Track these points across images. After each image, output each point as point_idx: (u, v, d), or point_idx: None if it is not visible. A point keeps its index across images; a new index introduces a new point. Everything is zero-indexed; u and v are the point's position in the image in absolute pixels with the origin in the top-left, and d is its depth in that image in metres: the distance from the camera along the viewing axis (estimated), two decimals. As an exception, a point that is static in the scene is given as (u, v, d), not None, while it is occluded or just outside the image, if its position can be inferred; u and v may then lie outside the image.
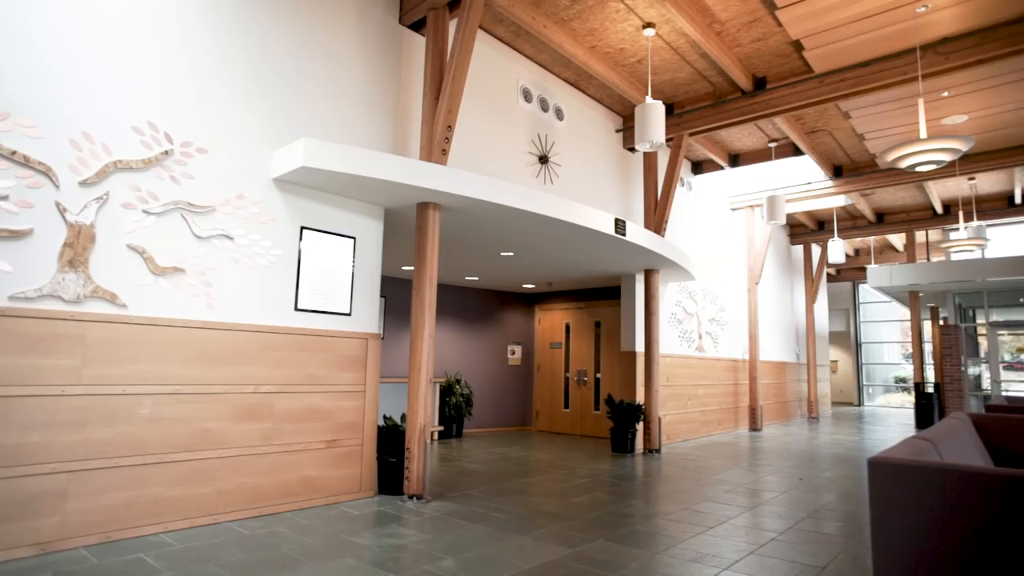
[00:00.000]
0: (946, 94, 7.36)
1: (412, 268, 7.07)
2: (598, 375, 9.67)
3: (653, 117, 5.61)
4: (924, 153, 4.37)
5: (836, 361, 19.93)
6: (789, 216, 13.11)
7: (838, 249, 11.96)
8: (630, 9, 5.86)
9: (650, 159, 8.17)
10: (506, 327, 10.41)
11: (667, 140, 7.94)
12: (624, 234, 6.12)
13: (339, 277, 4.82)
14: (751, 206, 11.25)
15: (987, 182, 10.93)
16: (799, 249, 14.67)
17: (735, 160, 9.63)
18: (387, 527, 4.05)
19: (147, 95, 3.85)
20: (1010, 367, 17.23)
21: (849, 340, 19.98)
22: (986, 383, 14.63)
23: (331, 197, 4.80)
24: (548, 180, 6.96)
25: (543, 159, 6.90)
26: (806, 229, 13.99)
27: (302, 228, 4.60)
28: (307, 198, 4.64)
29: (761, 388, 11.38)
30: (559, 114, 7.23)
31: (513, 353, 10.42)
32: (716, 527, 4.28)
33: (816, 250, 14.67)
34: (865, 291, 19.49)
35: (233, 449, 4.11)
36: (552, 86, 7.20)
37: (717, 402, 10.18)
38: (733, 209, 11.29)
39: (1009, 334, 16.75)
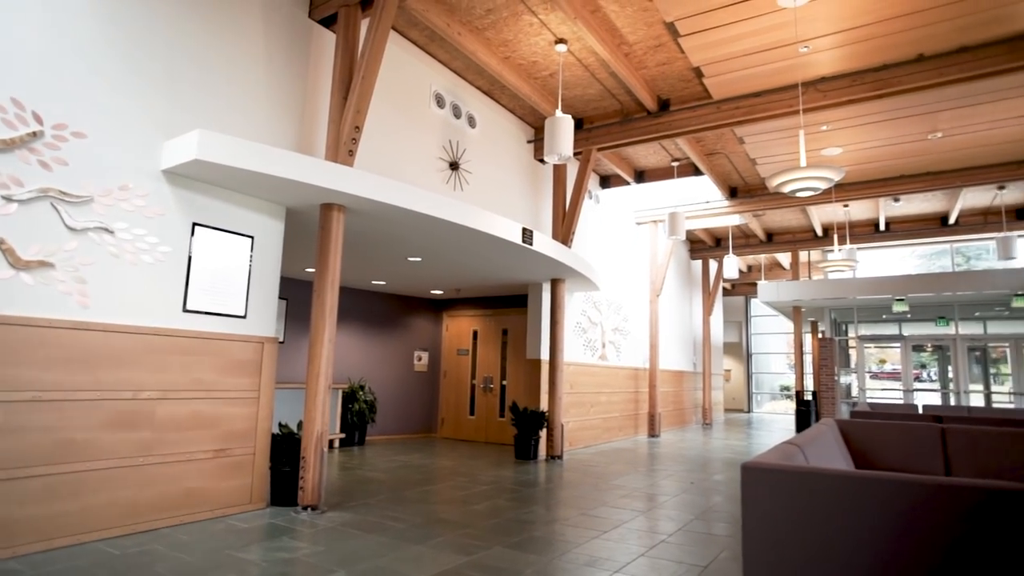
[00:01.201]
0: (825, 128, 8.06)
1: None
2: (504, 382, 9.75)
3: (562, 130, 5.75)
4: (803, 180, 4.77)
5: (729, 370, 21.19)
6: (689, 232, 13.84)
7: (732, 265, 12.74)
8: (543, 24, 5.99)
9: (559, 171, 8.37)
10: (413, 333, 10.28)
11: (576, 154, 8.16)
12: (531, 244, 6.22)
13: (234, 277, 4.57)
14: (655, 221, 11.77)
15: (858, 209, 12.04)
16: (698, 264, 15.51)
17: (641, 176, 10.05)
18: (277, 540, 3.87)
19: (12, 70, 3.49)
20: (875, 376, 19.04)
21: (741, 351, 21.31)
22: (855, 391, 16.07)
23: (228, 193, 4.55)
24: (458, 187, 6.96)
25: (454, 166, 6.90)
26: (705, 245, 14.81)
27: (194, 224, 4.33)
28: (201, 193, 4.37)
29: (660, 396, 11.89)
30: (471, 121, 7.26)
31: (419, 359, 10.30)
32: (611, 531, 4.41)
33: (713, 265, 15.56)
34: (756, 305, 20.88)
35: (104, 461, 3.78)
36: (465, 93, 7.22)
37: (618, 409, 10.53)
38: (638, 223, 11.77)
39: (875, 347, 18.51)
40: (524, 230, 6.16)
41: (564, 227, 8.08)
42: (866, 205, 11.72)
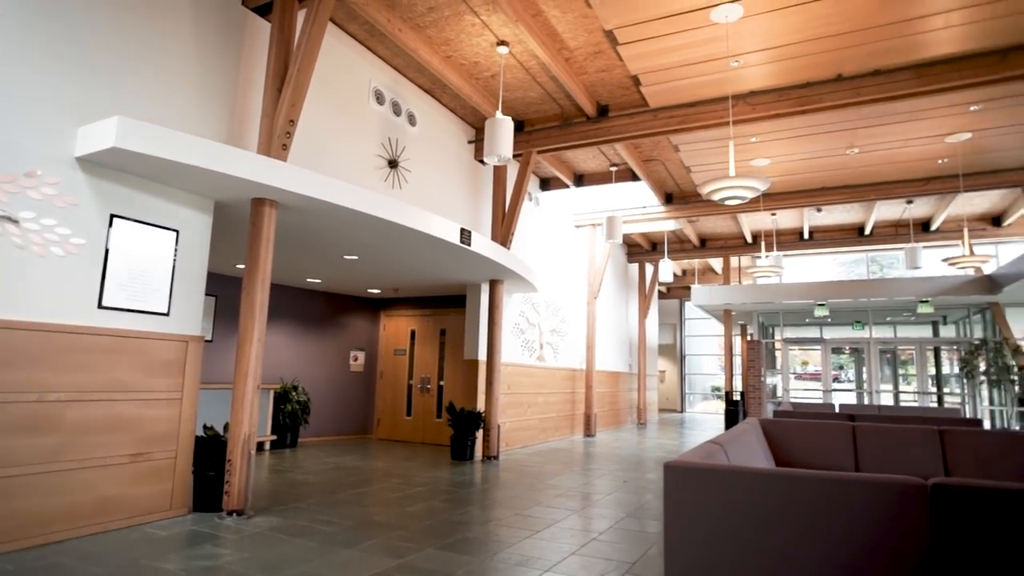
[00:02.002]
0: (754, 139, 8.42)
1: (246, 267, 6.59)
2: (442, 383, 9.69)
3: (502, 132, 5.78)
4: (731, 189, 4.97)
5: (664, 371, 21.80)
6: (626, 236, 14.16)
7: (668, 269, 13.11)
8: (485, 25, 6.00)
9: (500, 172, 8.40)
10: (349, 332, 10.08)
11: (516, 156, 8.21)
12: (469, 244, 6.22)
13: (157, 273, 4.36)
14: (593, 224, 11.99)
15: (785, 218, 12.64)
16: (635, 267, 15.88)
17: (580, 180, 10.21)
18: (199, 548, 3.71)
19: (-92, 45, 3.21)
20: (799, 377, 20.04)
21: (675, 352, 21.97)
22: (780, 391, 16.85)
23: (151, 184, 4.33)
24: (397, 185, 6.88)
25: (393, 163, 6.81)
26: (641, 249, 15.19)
27: (112, 216, 4.09)
28: (120, 183, 4.14)
29: (596, 396, 12.11)
30: (412, 120, 7.19)
31: (356, 359, 10.11)
32: (544, 530, 4.46)
33: (650, 269, 15.98)
34: (690, 308, 21.58)
35: (4, 469, 3.53)
36: (406, 91, 7.14)
37: (555, 409, 10.66)
38: (577, 226, 11.95)
39: (799, 349, 19.47)
40: (462, 230, 6.15)
41: (503, 228, 8.11)
42: (792, 214, 12.32)
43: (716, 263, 17.64)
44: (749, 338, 16.61)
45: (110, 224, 4.08)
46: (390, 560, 3.60)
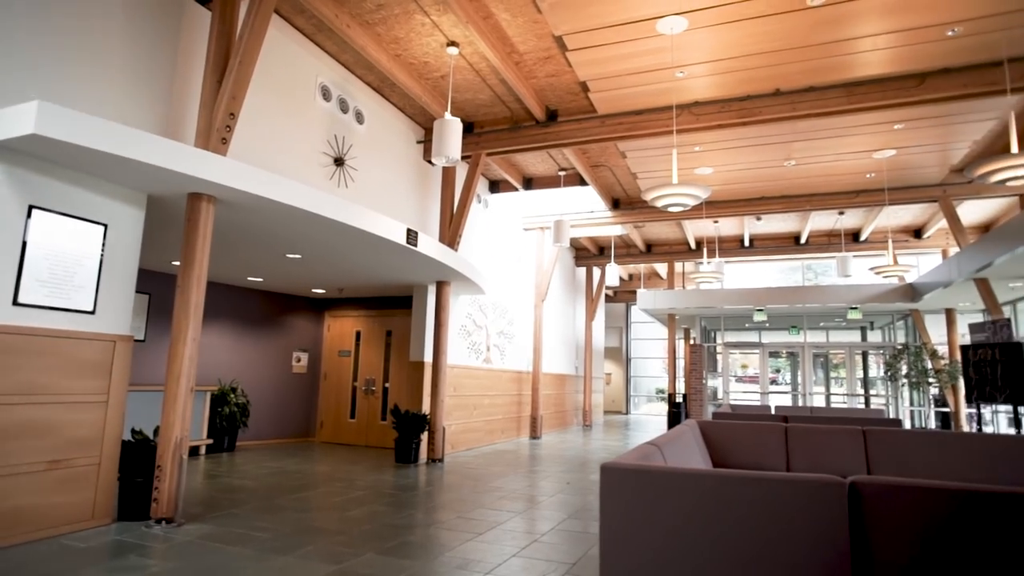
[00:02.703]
0: (698, 148, 8.68)
1: (182, 264, 6.34)
2: (387, 384, 9.56)
3: (451, 133, 5.76)
4: (673, 196, 5.11)
5: (610, 374, 22.15)
6: (574, 240, 14.33)
7: (614, 273, 13.34)
8: (436, 25, 5.96)
9: (448, 173, 8.36)
10: (292, 333, 9.82)
11: (465, 157, 8.20)
12: (416, 245, 6.16)
13: (82, 269, 4.13)
14: (542, 228, 12.08)
15: (727, 225, 13.07)
16: (583, 271, 16.09)
17: (529, 183, 10.27)
18: (122, 559, 3.53)
19: None
20: (740, 380, 20.73)
21: (621, 355, 22.36)
22: (721, 393, 17.38)
23: (76, 175, 4.10)
24: (343, 183, 6.75)
25: (339, 161, 6.68)
26: (589, 253, 15.40)
27: (31, 207, 3.86)
28: (41, 172, 3.91)
29: (543, 399, 12.20)
30: (359, 117, 7.07)
31: (299, 360, 9.86)
32: (486, 533, 4.45)
33: (597, 273, 16.22)
34: (636, 312, 22.01)
35: (-94, 476, 3.27)
36: (354, 88, 7.02)
37: (501, 412, 10.67)
38: (526, 229, 12.02)
39: (739, 352, 20.14)
40: (409, 231, 6.09)
41: (451, 230, 8.07)
42: (734, 222, 12.74)
43: (661, 268, 18.05)
44: (692, 342, 17.07)
45: (28, 216, 3.85)
46: (328, 566, 3.52)
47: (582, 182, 10.00)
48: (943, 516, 1.84)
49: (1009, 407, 7.57)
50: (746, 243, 14.11)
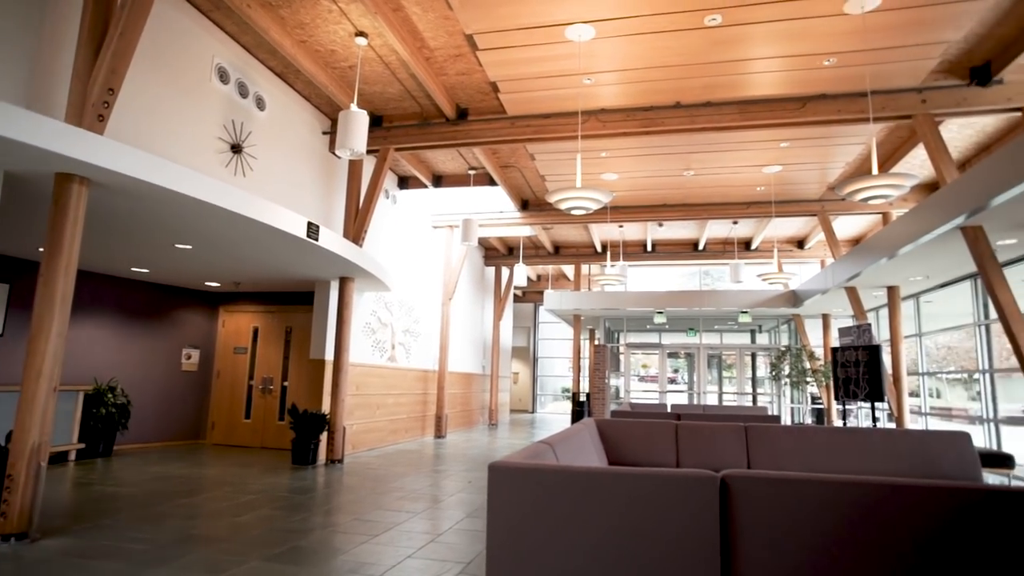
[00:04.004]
0: (604, 154, 8.95)
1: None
2: (285, 383, 9.18)
3: (356, 125, 5.60)
4: (576, 199, 5.24)
5: (517, 373, 22.41)
6: (484, 240, 14.38)
7: (522, 274, 13.51)
8: (343, 13, 5.78)
9: (355, 167, 8.14)
10: (182, 328, 9.20)
11: (373, 151, 8.01)
12: (317, 239, 5.95)
13: (-77, 253, 3.66)
14: (451, 226, 12.02)
15: (631, 230, 13.57)
16: (492, 270, 16.17)
17: (439, 181, 10.20)
18: (-37, 578, 3.16)
19: None
20: (643, 380, 21.60)
21: (529, 354, 22.68)
22: (622, 393, 18.03)
23: (-83, 147, 3.63)
24: (241, 172, 6.41)
25: (236, 148, 6.33)
26: (498, 253, 15.51)
27: None
28: None
29: (448, 397, 12.14)
30: (260, 103, 6.74)
31: (189, 357, 9.25)
32: (382, 534, 4.37)
33: (506, 273, 16.35)
34: (544, 312, 22.39)
35: None
36: (255, 72, 6.68)
37: (406, 411, 10.52)
38: (435, 227, 11.92)
39: (642, 353, 20.98)
40: (310, 224, 5.87)
41: (356, 225, 7.86)
42: (637, 227, 13.25)
43: (569, 270, 18.48)
44: (596, 342, 17.60)
45: None
46: (207, 576, 3.32)
47: (492, 182, 10.04)
48: (799, 504, 1.99)
49: (869, 403, 8.38)
50: (649, 248, 14.72)
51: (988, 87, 6.37)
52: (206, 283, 8.84)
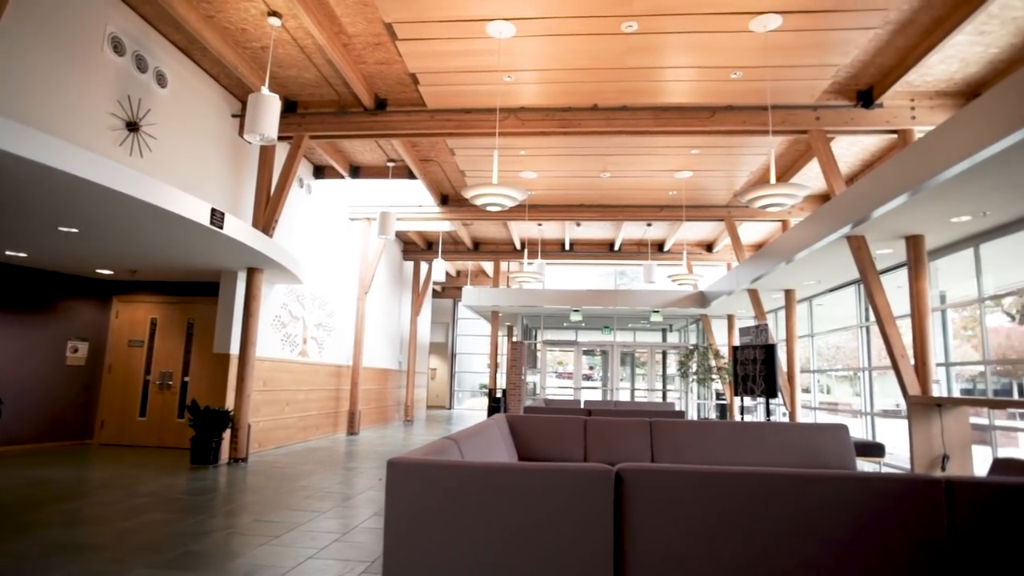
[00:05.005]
0: (523, 152, 9.03)
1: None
2: (187, 379, 8.67)
3: (267, 109, 5.35)
4: (491, 196, 5.26)
5: (435, 369, 22.25)
6: (402, 234, 14.17)
7: (441, 269, 13.42)
8: (254, -9, 5.51)
9: (267, 153, 7.79)
10: (68, 319, 8.48)
11: (286, 138, 7.69)
12: (222, 227, 5.65)
13: None
14: (368, 219, 11.76)
15: (550, 229, 13.78)
16: (411, 265, 15.97)
17: (356, 172, 9.94)
18: None
19: None
20: (560, 376, 21.99)
21: (447, 350, 22.57)
22: (539, 389, 18.30)
23: None
24: (138, 152, 5.98)
25: (132, 126, 5.90)
26: (417, 247, 15.33)
27: None
28: None
29: (362, 393, 11.88)
30: (161, 80, 6.31)
31: (75, 351, 8.55)
32: (283, 535, 4.21)
33: (424, 267, 16.19)
34: (462, 308, 22.35)
35: None
36: (155, 45, 6.25)
37: (317, 407, 10.21)
38: (352, 219, 11.62)
39: (559, 350, 21.37)
40: (214, 211, 5.56)
41: (267, 214, 7.53)
42: (556, 226, 13.47)
43: (488, 266, 18.53)
44: (514, 339, 17.76)
45: None
46: (83, 586, 3.09)
47: (411, 175, 9.91)
48: (686, 493, 2.09)
49: (764, 399, 8.96)
50: (567, 247, 15.00)
51: (871, 109, 6.94)
52: (97, 270, 8.20)
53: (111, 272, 8.29)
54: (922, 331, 6.08)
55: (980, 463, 6.03)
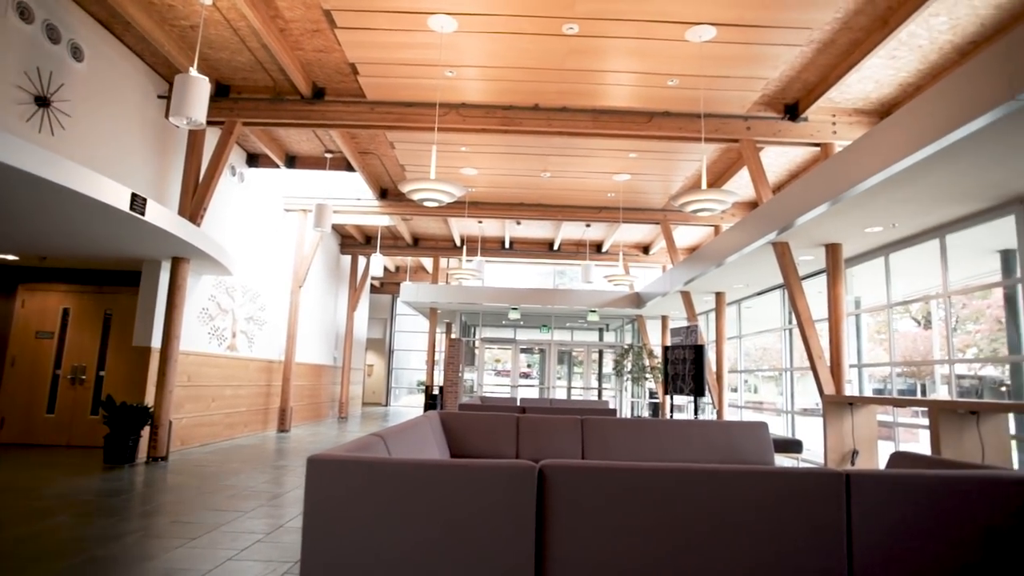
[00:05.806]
0: (464, 149, 9.00)
1: None
2: (102, 373, 8.18)
3: (195, 92, 5.10)
4: (428, 191, 5.21)
5: (372, 365, 21.87)
6: (340, 227, 13.85)
7: (379, 264, 13.19)
8: (183, -34, 5.25)
9: (196, 138, 7.45)
10: (-33, 308, 7.85)
11: (217, 123, 7.38)
12: (143, 214, 5.35)
13: None
14: (304, 210, 11.44)
15: (490, 226, 13.79)
16: (348, 259, 15.62)
17: (292, 161, 9.65)
18: None
19: None
20: (499, 374, 22.05)
21: (384, 347, 22.24)
22: (476, 386, 18.29)
23: None
24: (49, 129, 5.59)
25: (42, 101, 5.51)
26: (355, 241, 15.02)
27: None
28: None
29: (295, 390, 11.54)
30: (77, 53, 5.92)
31: (-25, 342, 7.92)
32: (201, 536, 4.04)
33: (362, 262, 15.88)
34: (402, 304, 22.07)
35: None
36: (70, 16, 5.85)
37: (246, 403, 9.85)
38: (287, 210, 11.27)
39: (497, 348, 21.43)
40: (135, 196, 5.26)
41: (195, 201, 7.20)
42: (496, 224, 13.49)
43: (428, 262, 18.38)
44: (452, 336, 17.68)
45: None
46: (-28, 595, 2.86)
47: (350, 167, 9.70)
48: (604, 489, 2.13)
49: (694, 398, 9.28)
50: (507, 245, 15.05)
51: (797, 122, 7.29)
52: None
53: (15, 258, 7.73)
54: (837, 334, 6.44)
55: (885, 457, 6.44)
